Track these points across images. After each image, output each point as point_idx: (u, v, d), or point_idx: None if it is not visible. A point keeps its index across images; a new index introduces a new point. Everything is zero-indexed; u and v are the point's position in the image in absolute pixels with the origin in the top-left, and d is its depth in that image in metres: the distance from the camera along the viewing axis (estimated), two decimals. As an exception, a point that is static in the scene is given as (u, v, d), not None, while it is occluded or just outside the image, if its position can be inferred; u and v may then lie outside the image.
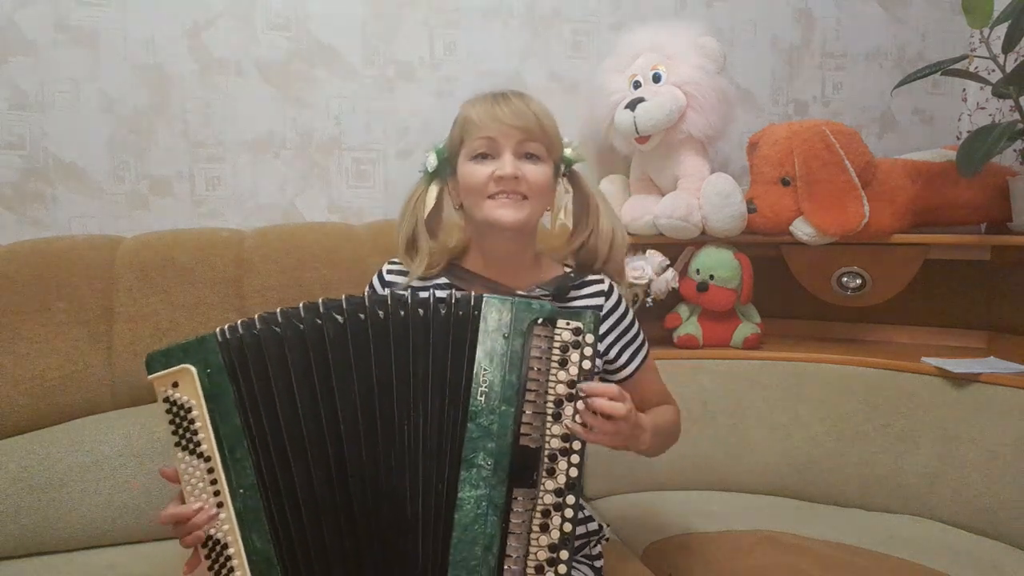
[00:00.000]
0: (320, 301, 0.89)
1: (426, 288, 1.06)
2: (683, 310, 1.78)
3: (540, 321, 0.88)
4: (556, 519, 0.85)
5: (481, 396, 0.86)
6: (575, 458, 0.86)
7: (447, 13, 1.83)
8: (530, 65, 1.90)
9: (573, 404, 0.87)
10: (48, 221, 1.63)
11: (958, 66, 1.66)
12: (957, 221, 1.79)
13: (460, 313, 0.89)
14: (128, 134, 1.67)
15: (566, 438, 0.86)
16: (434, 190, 1.10)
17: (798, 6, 2.06)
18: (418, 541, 0.87)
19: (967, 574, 1.25)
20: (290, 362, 0.87)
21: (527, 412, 0.86)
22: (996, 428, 1.44)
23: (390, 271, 1.13)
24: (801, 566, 1.26)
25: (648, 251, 1.72)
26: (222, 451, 0.86)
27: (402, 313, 0.89)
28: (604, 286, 1.12)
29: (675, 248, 1.77)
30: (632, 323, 1.14)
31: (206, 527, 0.86)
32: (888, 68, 2.12)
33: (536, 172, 1.02)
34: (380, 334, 0.89)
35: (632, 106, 1.67)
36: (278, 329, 0.88)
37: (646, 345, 1.16)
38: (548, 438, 0.86)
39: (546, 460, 0.86)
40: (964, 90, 2.16)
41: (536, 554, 0.85)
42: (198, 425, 0.87)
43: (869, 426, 1.58)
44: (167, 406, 0.88)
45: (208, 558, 0.87)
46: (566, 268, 1.14)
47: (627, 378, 1.12)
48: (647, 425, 0.97)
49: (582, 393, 0.87)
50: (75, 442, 1.36)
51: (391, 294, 0.91)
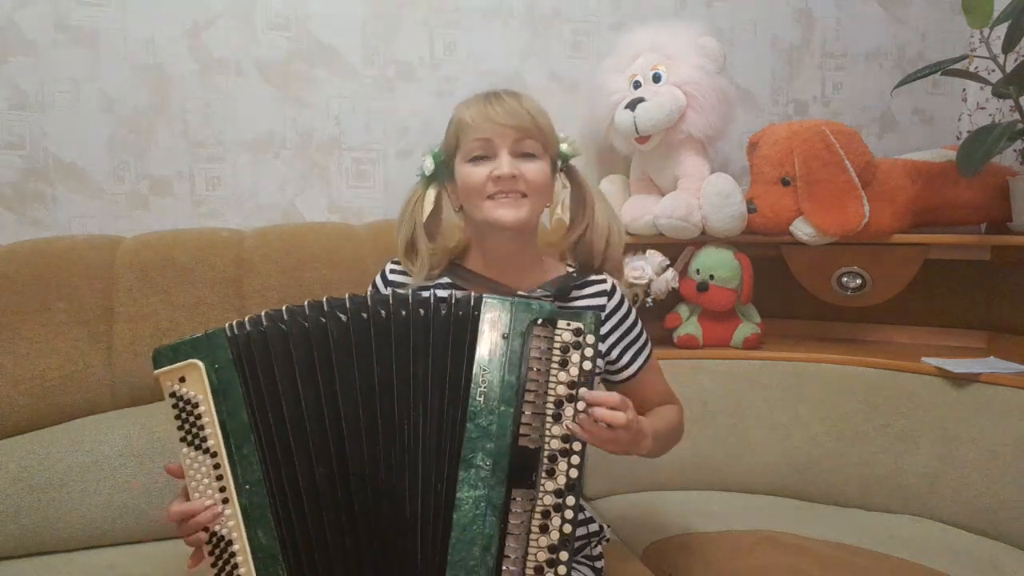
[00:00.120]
0: (324, 300, 0.90)
1: (428, 288, 1.06)
2: (683, 310, 1.78)
3: (540, 322, 0.87)
4: (556, 520, 0.85)
5: (480, 396, 0.86)
6: (575, 459, 0.86)
7: (447, 13, 1.83)
8: (530, 65, 1.90)
9: (573, 405, 0.86)
10: (48, 221, 1.63)
11: (958, 66, 1.65)
12: (957, 221, 1.79)
13: (460, 313, 0.89)
14: (128, 134, 1.67)
15: (566, 439, 0.86)
16: (431, 194, 1.09)
17: (798, 6, 2.06)
18: (417, 541, 0.87)
19: (967, 574, 1.25)
20: (295, 359, 0.88)
21: (526, 413, 0.86)
22: (996, 428, 1.44)
23: (393, 270, 1.13)
24: (801, 566, 1.26)
25: (648, 251, 1.72)
26: (229, 447, 0.86)
27: (403, 313, 0.89)
28: (607, 286, 1.12)
29: (675, 248, 1.77)
30: (634, 323, 1.14)
31: (212, 524, 0.86)
32: (888, 68, 2.12)
33: (534, 170, 1.02)
34: (382, 333, 0.89)
35: (632, 106, 1.67)
36: (283, 327, 0.88)
37: (649, 346, 1.15)
38: (548, 439, 0.86)
39: (546, 461, 0.86)
40: (964, 90, 2.16)
41: (536, 555, 0.85)
42: (205, 421, 0.87)
43: (869, 426, 1.58)
44: (173, 401, 0.88)
45: (212, 554, 0.87)
46: (568, 268, 1.14)
47: (629, 378, 1.12)
48: (648, 430, 0.97)
49: (583, 400, 0.87)
50: (75, 442, 1.36)
51: (392, 293, 0.91)
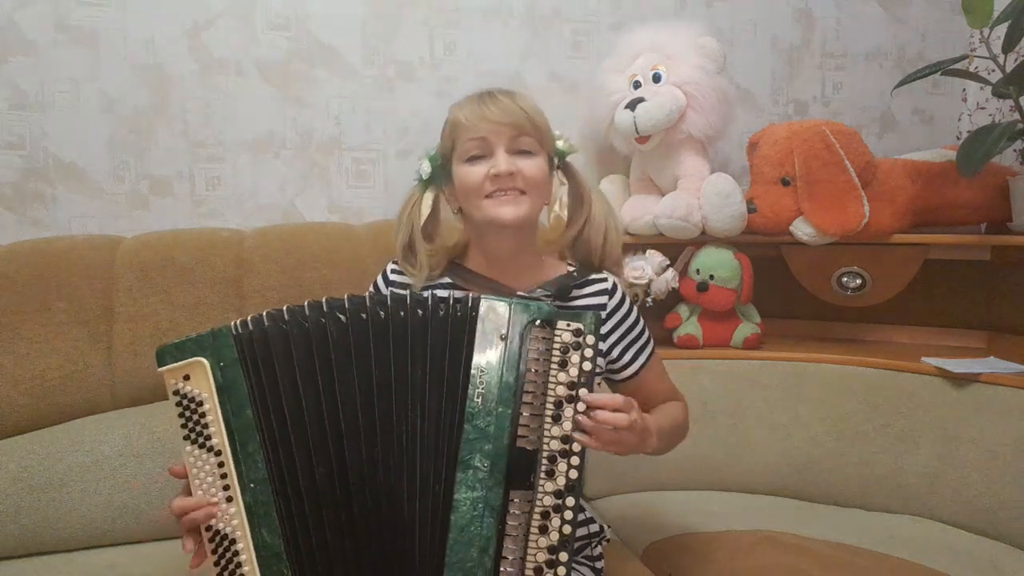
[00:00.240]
0: (324, 300, 0.90)
1: (429, 288, 1.06)
2: (683, 310, 1.78)
3: (538, 322, 0.87)
4: (555, 521, 0.85)
5: (478, 397, 0.86)
6: (575, 460, 0.86)
7: (447, 13, 1.83)
8: (530, 65, 1.90)
9: (573, 406, 0.86)
10: (48, 221, 1.63)
11: (958, 66, 1.65)
12: (957, 221, 1.79)
13: (458, 314, 0.89)
14: (128, 134, 1.67)
15: (566, 439, 0.86)
16: (429, 197, 1.09)
17: (798, 6, 2.06)
18: (415, 542, 0.87)
19: (967, 574, 1.25)
20: (296, 359, 0.88)
21: (524, 414, 0.86)
22: (996, 428, 1.44)
23: (393, 271, 1.13)
24: (801, 566, 1.26)
25: (648, 251, 1.72)
26: (233, 445, 0.86)
27: (402, 314, 0.89)
28: (607, 284, 1.11)
29: (675, 248, 1.77)
30: (636, 322, 1.13)
31: (211, 519, 0.86)
32: (888, 68, 2.12)
33: (531, 166, 1.01)
34: (380, 334, 0.89)
35: (632, 106, 1.67)
36: (285, 327, 0.88)
37: (651, 344, 1.15)
38: (547, 439, 0.86)
39: (545, 462, 0.86)
40: (964, 90, 2.15)
41: (535, 556, 0.84)
42: (209, 419, 0.87)
43: (869, 426, 1.58)
44: (177, 399, 0.88)
45: (215, 552, 0.87)
46: (569, 268, 1.13)
47: (631, 377, 1.12)
48: (653, 428, 0.97)
49: (585, 403, 0.86)
50: (75, 442, 1.36)
51: (391, 294, 0.91)
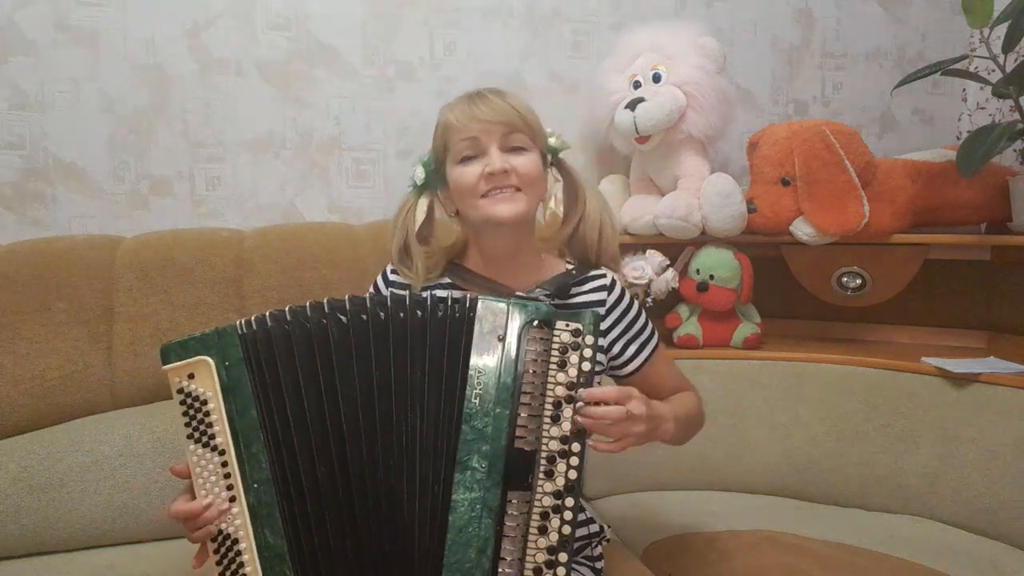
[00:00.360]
0: (325, 301, 0.90)
1: (428, 288, 1.06)
2: (683, 310, 1.78)
3: (536, 323, 0.87)
4: (555, 521, 0.85)
5: (475, 398, 0.86)
6: (574, 460, 0.86)
7: (447, 13, 1.83)
8: (530, 65, 1.90)
9: (572, 406, 0.86)
10: (48, 221, 1.63)
11: (958, 66, 1.65)
12: (957, 221, 1.79)
13: (456, 315, 0.89)
14: (128, 134, 1.67)
15: (565, 440, 0.86)
16: (424, 203, 1.09)
17: (798, 6, 2.06)
18: (414, 542, 0.87)
19: (967, 574, 1.25)
20: (299, 360, 0.88)
21: (522, 415, 0.86)
22: (996, 428, 1.44)
23: (394, 271, 1.13)
24: (801, 566, 1.26)
25: (648, 251, 1.72)
26: (237, 445, 0.86)
27: (401, 315, 0.89)
28: (606, 280, 1.11)
29: (675, 248, 1.77)
30: (637, 317, 1.12)
31: (217, 522, 0.86)
32: (888, 68, 2.12)
33: (525, 162, 1.01)
34: (380, 336, 0.89)
35: (632, 106, 1.67)
36: (287, 327, 0.89)
37: (654, 338, 1.14)
38: (546, 440, 0.86)
39: (544, 462, 0.86)
40: (964, 90, 2.15)
41: (534, 556, 0.84)
42: (213, 418, 0.87)
43: (869, 426, 1.58)
44: (181, 397, 0.88)
45: (217, 552, 0.87)
46: (568, 266, 1.13)
47: (635, 372, 1.11)
48: (667, 413, 0.97)
49: (581, 402, 0.86)
50: (75, 442, 1.36)
51: (391, 295, 0.91)
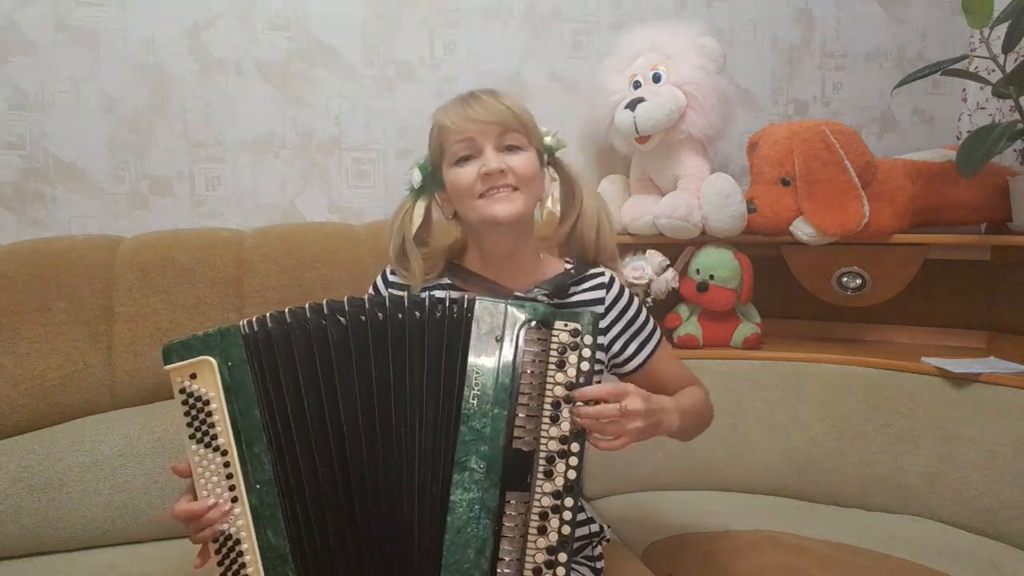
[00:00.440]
0: (324, 302, 0.90)
1: (428, 289, 1.06)
2: (683, 310, 1.78)
3: (533, 323, 0.87)
4: (554, 521, 0.85)
5: (473, 399, 0.86)
6: (573, 460, 0.86)
7: (447, 13, 1.83)
8: (530, 65, 1.90)
9: (571, 406, 0.86)
10: (48, 221, 1.63)
11: (958, 66, 1.65)
12: (957, 221, 1.78)
13: (454, 316, 0.89)
14: (128, 134, 1.67)
15: (564, 440, 0.86)
16: (421, 206, 1.09)
17: (798, 6, 2.05)
18: (414, 543, 0.87)
19: (967, 574, 1.26)
20: (301, 361, 0.88)
21: (520, 415, 0.86)
22: (996, 428, 1.44)
23: (393, 271, 1.13)
24: (801, 566, 1.26)
25: (648, 251, 1.72)
26: (240, 445, 0.86)
27: (400, 316, 0.89)
28: (604, 278, 1.11)
29: (675, 248, 1.77)
30: (637, 313, 1.12)
31: (220, 523, 0.86)
32: (888, 68, 2.12)
33: (521, 161, 1.01)
34: (379, 337, 0.89)
35: (632, 106, 1.67)
36: (288, 328, 0.89)
37: (656, 334, 1.13)
38: (545, 440, 0.86)
39: (543, 462, 0.86)
40: (964, 90, 2.15)
41: (534, 556, 0.84)
42: (216, 418, 0.86)
43: (869, 426, 1.58)
44: (183, 397, 0.87)
45: (218, 553, 0.87)
46: (567, 265, 1.13)
47: (637, 369, 1.11)
48: (670, 407, 0.96)
49: (578, 402, 0.86)
50: (75, 442, 1.36)
51: (390, 296, 0.91)
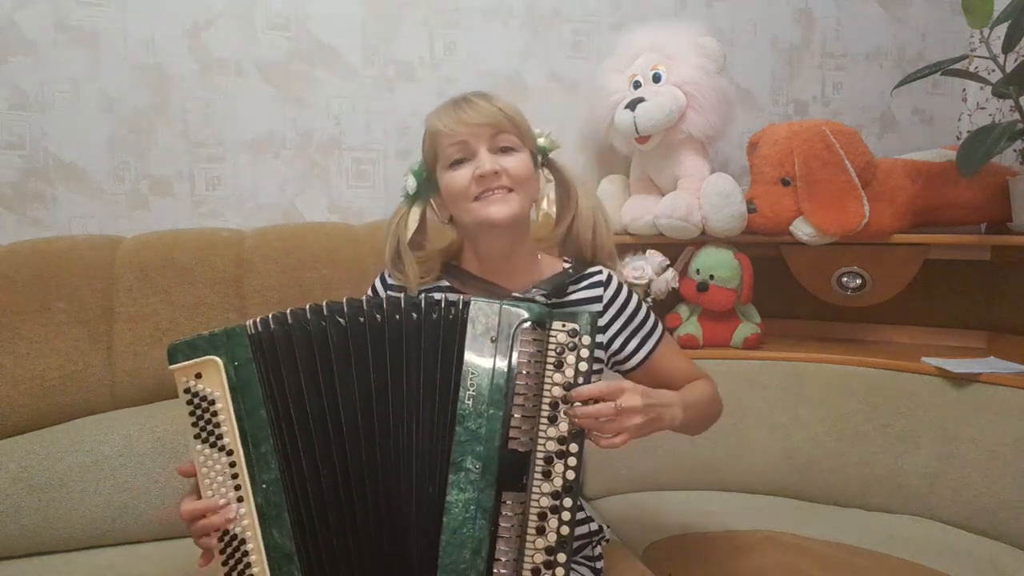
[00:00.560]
0: (324, 304, 0.90)
1: (425, 290, 1.06)
2: (683, 310, 1.78)
3: (529, 324, 0.87)
4: (553, 522, 0.85)
5: (469, 400, 0.86)
6: (572, 460, 0.86)
7: (447, 13, 1.83)
8: (530, 65, 1.90)
9: (567, 407, 0.86)
10: (48, 221, 1.63)
11: (958, 66, 1.65)
12: (957, 221, 1.78)
13: (449, 316, 0.89)
14: (128, 134, 1.67)
15: (562, 440, 0.86)
16: (416, 211, 1.09)
17: (798, 6, 2.05)
18: (412, 543, 0.87)
19: (967, 574, 1.26)
20: (305, 361, 0.88)
21: (516, 415, 0.86)
22: (996, 428, 1.44)
23: (392, 273, 1.13)
24: (801, 566, 1.26)
25: (648, 251, 1.72)
26: (246, 445, 0.86)
27: (396, 317, 0.90)
28: (602, 276, 1.11)
29: (675, 248, 1.77)
30: (637, 310, 1.11)
31: (227, 523, 0.85)
32: (888, 68, 2.12)
33: (515, 163, 1.01)
34: (376, 338, 0.89)
35: (632, 106, 1.66)
36: (290, 329, 0.89)
37: (658, 329, 1.13)
38: (543, 440, 0.86)
39: (541, 463, 0.86)
40: (964, 90, 2.15)
41: (532, 557, 0.84)
42: (221, 418, 0.86)
43: (869, 426, 1.58)
44: (188, 397, 0.87)
45: (223, 553, 0.86)
46: (565, 265, 1.13)
47: (639, 365, 1.11)
48: (672, 401, 0.96)
49: (575, 402, 0.86)
50: (75, 442, 1.36)
51: (387, 298, 0.91)
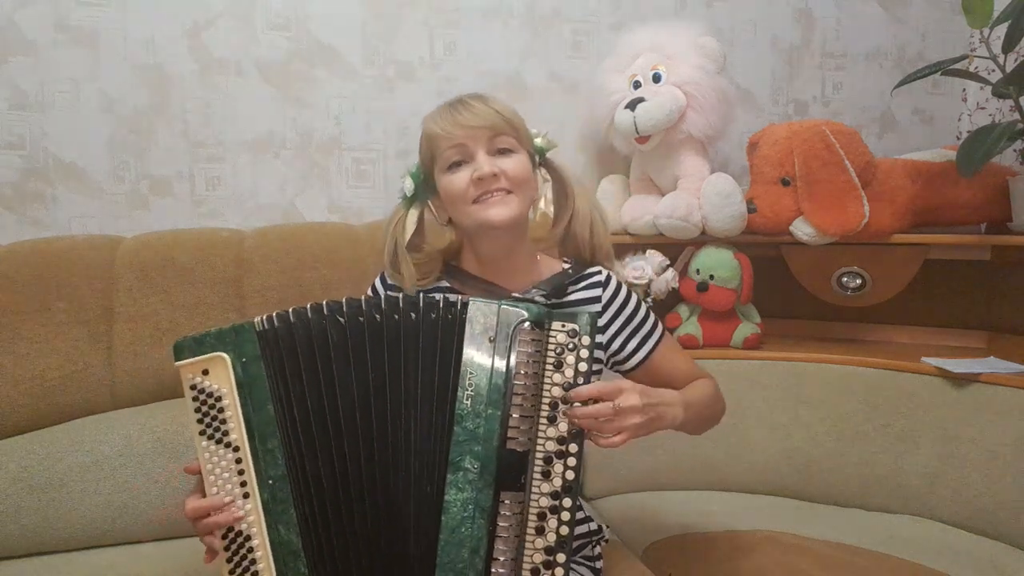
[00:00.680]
0: (324, 303, 0.90)
1: (424, 291, 1.06)
2: (683, 310, 1.78)
3: (527, 324, 0.87)
4: (552, 522, 0.85)
5: (467, 400, 0.87)
6: (571, 460, 0.86)
7: (447, 13, 1.83)
8: (530, 65, 1.90)
9: (566, 407, 0.86)
10: (48, 221, 1.63)
11: (958, 66, 1.65)
12: (957, 221, 1.78)
13: (448, 316, 0.89)
14: (128, 134, 1.67)
15: (562, 440, 0.86)
16: (414, 214, 1.09)
17: (798, 6, 2.05)
18: (411, 542, 0.88)
19: (967, 574, 1.26)
20: (309, 359, 0.89)
21: (514, 415, 0.86)
22: (996, 428, 1.44)
23: (391, 274, 1.13)
24: (801, 566, 1.26)
25: (648, 251, 1.72)
26: (252, 441, 0.86)
27: (395, 317, 0.90)
28: (601, 277, 1.10)
29: (675, 248, 1.77)
30: (636, 310, 1.11)
31: (232, 520, 0.85)
32: (888, 68, 2.12)
33: (513, 164, 1.01)
34: (375, 338, 0.89)
35: (632, 106, 1.66)
36: (293, 328, 0.89)
37: (658, 330, 1.13)
38: (543, 441, 0.86)
39: (540, 463, 0.86)
40: (964, 90, 2.15)
41: (532, 556, 0.85)
42: (228, 414, 0.86)
43: (869, 426, 1.58)
44: (194, 394, 0.87)
45: (227, 549, 0.87)
46: (564, 265, 1.13)
47: (639, 365, 1.10)
48: (673, 400, 0.96)
49: (575, 402, 0.86)
50: (75, 442, 1.36)
51: (386, 297, 0.91)
